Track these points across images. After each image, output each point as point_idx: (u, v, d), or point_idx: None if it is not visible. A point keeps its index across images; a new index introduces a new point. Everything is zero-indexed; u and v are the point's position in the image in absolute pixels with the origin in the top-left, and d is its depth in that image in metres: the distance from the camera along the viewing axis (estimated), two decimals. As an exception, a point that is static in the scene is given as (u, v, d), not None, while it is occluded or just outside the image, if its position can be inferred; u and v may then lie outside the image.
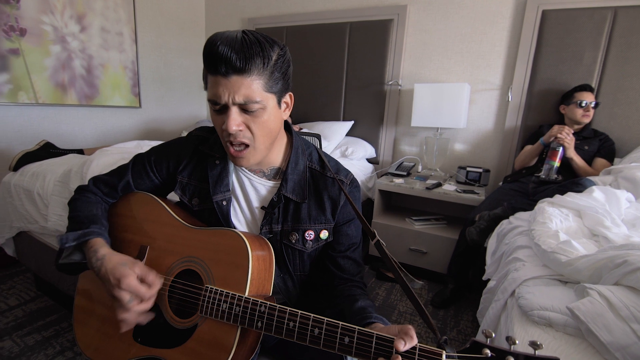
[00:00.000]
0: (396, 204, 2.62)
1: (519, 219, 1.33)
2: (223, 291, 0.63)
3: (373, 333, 0.53)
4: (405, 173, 2.30)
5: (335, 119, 2.76)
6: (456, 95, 2.08)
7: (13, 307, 1.65)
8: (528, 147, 1.93)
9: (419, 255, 2.08)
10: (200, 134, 0.84)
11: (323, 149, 2.39)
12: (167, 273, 0.71)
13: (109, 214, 0.82)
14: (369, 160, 2.66)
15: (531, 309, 0.73)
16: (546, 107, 2.09)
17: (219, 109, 0.65)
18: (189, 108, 3.41)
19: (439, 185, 2.10)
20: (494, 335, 0.50)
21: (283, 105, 0.74)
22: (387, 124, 2.59)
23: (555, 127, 1.72)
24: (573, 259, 0.77)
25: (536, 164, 1.89)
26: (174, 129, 3.25)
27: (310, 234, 0.79)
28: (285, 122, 0.83)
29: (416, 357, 0.50)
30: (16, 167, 1.70)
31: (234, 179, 0.81)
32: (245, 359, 0.66)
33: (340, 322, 0.56)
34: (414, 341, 0.50)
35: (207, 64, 0.63)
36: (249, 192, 0.80)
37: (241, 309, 0.61)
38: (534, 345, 0.47)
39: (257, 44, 0.62)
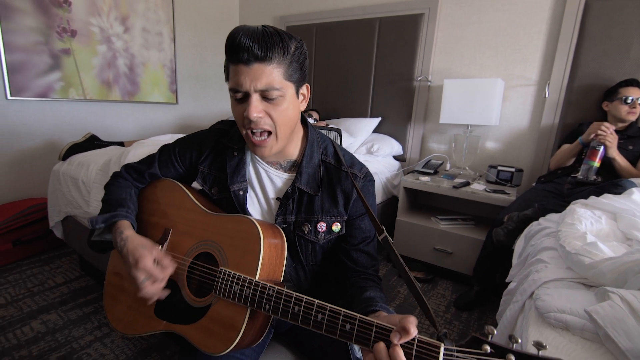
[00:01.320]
0: (422, 202, 2.57)
1: (549, 220, 1.27)
2: (235, 274, 0.67)
3: (373, 322, 0.54)
4: (432, 171, 2.25)
5: (363, 115, 2.75)
6: (488, 92, 2.00)
7: (59, 285, 1.82)
8: (565, 146, 1.82)
9: (444, 256, 2.03)
10: (221, 127, 0.88)
11: (349, 145, 2.40)
12: (187, 254, 0.76)
13: (138, 198, 0.88)
14: (396, 158, 2.63)
15: (548, 311, 0.70)
16: (587, 104, 1.96)
17: (240, 98, 0.68)
18: (221, 104, 3.54)
19: (467, 184, 2.04)
20: (495, 332, 0.49)
21: (300, 97, 0.76)
22: (415, 121, 2.55)
23: (595, 124, 1.61)
24: (597, 261, 0.73)
25: (574, 164, 1.78)
26: (208, 125, 3.39)
27: (322, 226, 0.80)
28: (302, 115, 0.85)
29: (414, 348, 0.51)
30: (65, 157, 1.87)
31: (251, 170, 0.84)
32: (254, 339, 0.70)
33: (343, 310, 0.57)
34: (411, 335, 0.49)
35: (229, 54, 0.66)
36: (266, 183, 0.83)
37: (251, 291, 0.64)
38: (538, 345, 0.46)
39: (276, 35, 0.65)
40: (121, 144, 2.20)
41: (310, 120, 2.48)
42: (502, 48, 2.18)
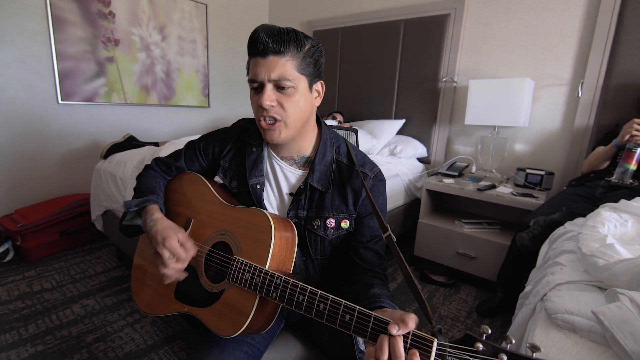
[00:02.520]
0: (447, 205, 2.52)
1: (575, 224, 1.22)
2: (247, 262, 0.71)
3: (371, 314, 0.56)
4: (456, 173, 2.20)
5: (387, 117, 2.75)
6: (515, 92, 1.94)
7: (98, 273, 1.98)
8: (600, 149, 1.73)
9: (467, 260, 1.99)
10: (242, 125, 0.94)
11: (372, 147, 2.41)
12: (205, 243, 0.82)
13: (166, 189, 0.96)
14: (421, 160, 2.60)
15: (555, 312, 0.69)
16: (625, 104, 1.84)
17: (257, 87, 0.74)
18: (250, 107, 3.67)
19: (492, 187, 1.98)
20: (490, 331, 0.50)
21: (315, 93, 0.80)
22: (440, 123, 2.51)
23: (627, 123, 1.51)
24: (611, 263, 0.70)
25: (608, 167, 1.68)
26: (237, 127, 3.52)
27: (331, 222, 0.83)
28: (317, 115, 0.89)
29: (409, 341, 0.52)
30: (106, 155, 2.03)
31: (267, 165, 0.89)
32: (263, 325, 0.74)
33: (344, 301, 0.59)
34: (408, 328, 0.52)
35: (249, 48, 0.73)
36: (280, 179, 0.87)
37: (260, 279, 0.69)
38: (533, 347, 0.46)
39: (292, 33, 0.72)
40: (156, 144, 2.35)
41: (334, 122, 2.52)
42: (532, 47, 2.10)
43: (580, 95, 1.96)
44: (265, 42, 0.69)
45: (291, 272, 0.77)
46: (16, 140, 2.20)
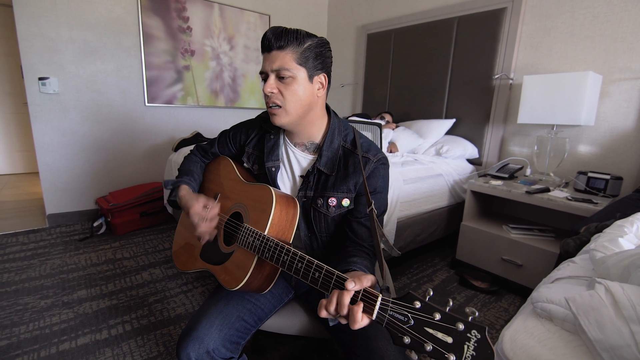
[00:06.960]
0: (497, 210, 2.37)
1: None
2: (252, 228, 0.84)
3: (334, 272, 0.64)
4: (507, 175, 2.07)
5: (438, 117, 2.68)
6: (576, 87, 1.76)
7: (166, 249, 2.31)
8: (679, 150, 1.49)
9: (512, 267, 1.86)
10: (265, 116, 1.08)
11: (417, 147, 2.40)
12: (226, 213, 0.97)
13: (205, 170, 1.14)
14: (471, 161, 2.49)
15: (537, 301, 0.68)
16: None
17: (264, 78, 0.87)
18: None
19: (545, 190, 1.83)
20: (432, 293, 0.55)
21: (317, 84, 0.89)
22: (493, 122, 2.37)
23: None
24: (607, 255, 0.66)
25: (687, 171, 1.45)
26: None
27: (333, 201, 0.92)
28: (327, 105, 0.99)
29: (360, 296, 0.60)
30: (176, 148, 2.38)
31: (283, 151, 1.01)
32: (262, 285, 0.85)
33: (316, 261, 0.69)
34: (362, 285, 0.59)
35: (261, 46, 0.87)
36: (293, 163, 0.99)
37: (259, 242, 0.80)
38: (470, 312, 0.51)
39: (294, 32, 0.83)
40: (218, 140, 2.65)
41: (382, 122, 2.55)
42: (600, 38, 1.89)
43: (657, 89, 1.70)
44: (270, 39, 0.82)
45: (290, 241, 0.87)
46: (113, 136, 2.69)
